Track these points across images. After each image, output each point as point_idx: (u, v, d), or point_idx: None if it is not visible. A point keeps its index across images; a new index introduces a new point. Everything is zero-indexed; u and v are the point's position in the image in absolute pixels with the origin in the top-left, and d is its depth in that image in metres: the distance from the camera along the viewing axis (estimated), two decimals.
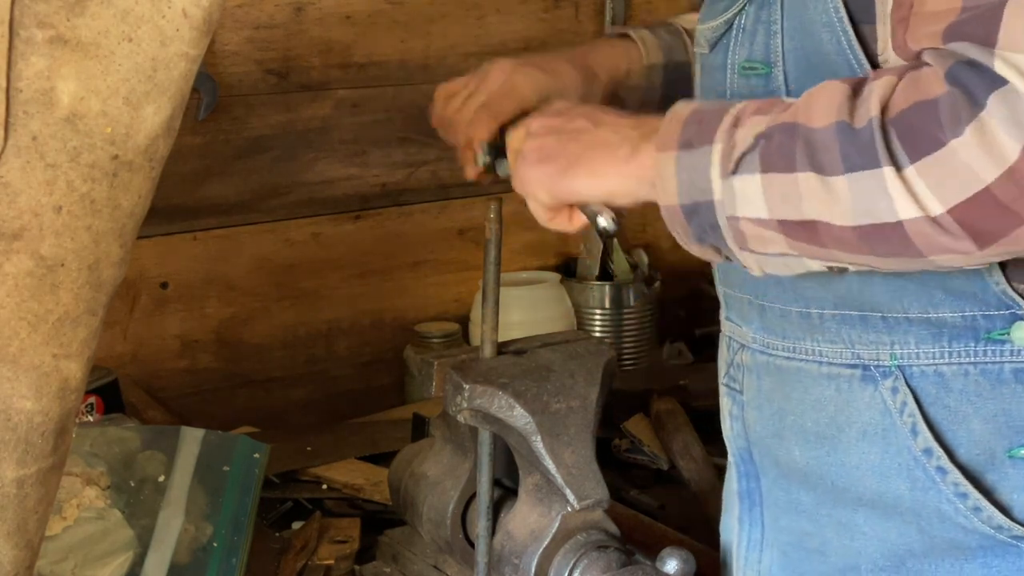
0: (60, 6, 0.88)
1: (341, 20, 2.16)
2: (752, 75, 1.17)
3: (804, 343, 1.21)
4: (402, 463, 1.54)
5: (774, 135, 1.03)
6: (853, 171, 0.99)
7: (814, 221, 1.02)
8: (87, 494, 1.54)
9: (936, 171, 0.95)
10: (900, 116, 0.97)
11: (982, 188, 0.94)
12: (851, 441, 1.18)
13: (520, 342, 1.44)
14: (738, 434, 1.32)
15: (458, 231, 2.32)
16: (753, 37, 1.18)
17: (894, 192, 0.97)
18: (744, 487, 1.32)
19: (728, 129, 1.06)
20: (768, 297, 1.23)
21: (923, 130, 0.96)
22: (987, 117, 0.93)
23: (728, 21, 1.20)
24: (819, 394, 1.20)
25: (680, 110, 1.11)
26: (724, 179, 1.05)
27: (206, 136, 2.09)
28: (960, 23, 0.97)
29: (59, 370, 0.94)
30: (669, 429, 1.97)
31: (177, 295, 2.11)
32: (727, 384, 1.34)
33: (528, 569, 1.36)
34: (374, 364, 2.29)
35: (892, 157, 0.97)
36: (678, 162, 1.08)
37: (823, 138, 1.00)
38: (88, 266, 0.93)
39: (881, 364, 1.16)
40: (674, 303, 2.50)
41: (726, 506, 1.37)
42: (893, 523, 1.18)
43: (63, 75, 0.89)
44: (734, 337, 1.31)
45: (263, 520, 1.74)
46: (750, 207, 1.05)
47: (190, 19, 0.91)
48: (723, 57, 1.21)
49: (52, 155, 0.90)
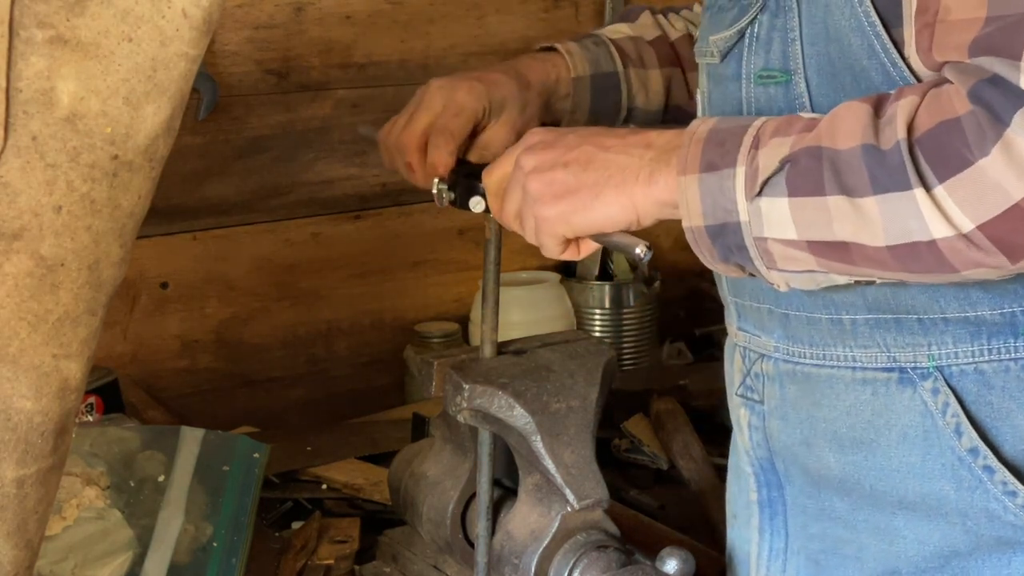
0: (60, 6, 0.88)
1: (341, 20, 2.16)
2: (771, 83, 1.17)
3: (835, 349, 1.21)
4: (402, 463, 1.54)
5: (800, 159, 1.03)
6: (883, 192, 0.99)
7: (846, 242, 1.02)
8: (87, 494, 1.54)
9: (965, 189, 0.96)
10: (926, 136, 0.98)
11: (1012, 204, 0.94)
12: (891, 445, 1.18)
13: (520, 342, 1.44)
14: (758, 444, 1.31)
15: (458, 231, 2.32)
16: (769, 45, 1.17)
17: (926, 212, 0.98)
18: (765, 496, 1.31)
19: (749, 151, 1.05)
20: (792, 306, 1.22)
21: (950, 149, 0.96)
22: (1012, 135, 0.93)
23: (740, 31, 1.19)
24: (853, 399, 1.20)
25: (698, 130, 1.10)
26: (750, 201, 1.05)
27: (206, 136, 2.09)
28: (986, 36, 0.97)
29: (59, 370, 0.94)
30: (669, 429, 1.97)
31: (177, 295, 2.11)
32: (743, 395, 1.32)
33: (528, 569, 1.36)
34: (374, 364, 2.29)
35: (921, 178, 0.97)
36: (701, 184, 1.07)
37: (850, 160, 1.00)
38: (88, 266, 0.93)
39: (919, 366, 1.16)
40: (674, 303, 2.50)
41: (740, 517, 1.35)
42: (936, 524, 1.17)
43: (63, 75, 0.89)
44: (750, 347, 1.30)
45: (263, 520, 1.74)
46: (778, 229, 1.05)
47: (190, 19, 0.91)
48: (736, 67, 1.21)
49: (52, 155, 0.90)
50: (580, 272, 2.38)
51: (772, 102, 1.17)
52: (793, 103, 1.15)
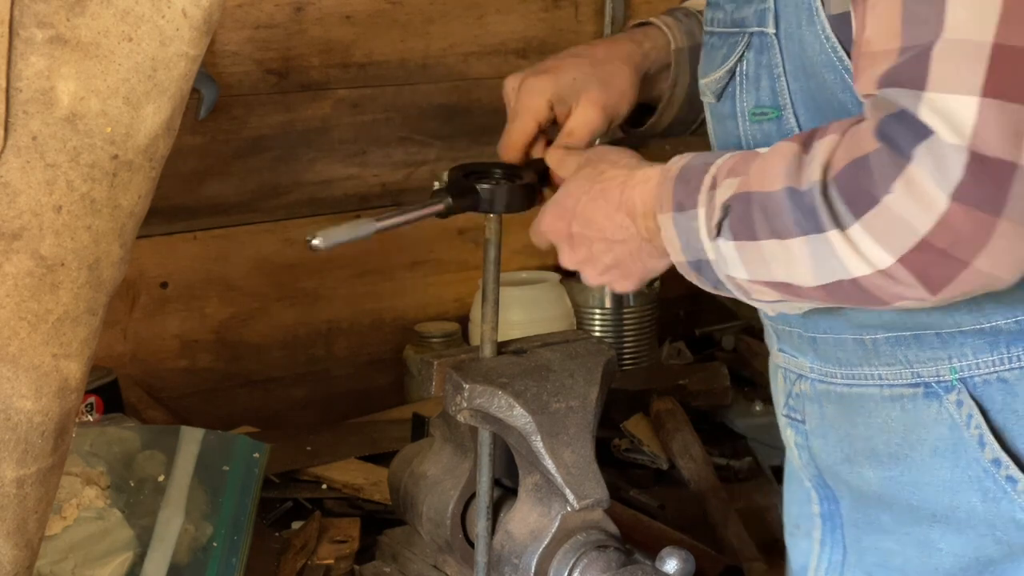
0: (60, 6, 0.88)
1: (341, 20, 2.16)
2: (764, 120, 1.19)
3: (862, 369, 1.21)
4: (402, 463, 1.54)
5: (734, 205, 1.06)
6: (804, 234, 1.01)
7: (786, 282, 1.05)
8: (87, 494, 1.54)
9: (877, 227, 0.97)
10: (839, 175, 0.99)
11: (920, 239, 0.95)
12: (923, 459, 1.18)
13: (520, 342, 1.44)
14: (807, 463, 1.31)
15: (458, 231, 2.32)
16: (758, 83, 1.18)
17: (842, 253, 0.99)
18: (826, 509, 1.31)
19: (708, 192, 1.08)
20: (819, 329, 1.23)
21: (860, 188, 0.97)
22: (914, 169, 0.94)
23: (730, 70, 1.21)
24: (885, 416, 1.20)
25: (672, 167, 1.13)
26: (712, 241, 1.08)
27: (206, 136, 2.08)
28: (895, 67, 0.97)
29: (59, 370, 0.94)
30: (669, 429, 1.97)
31: (177, 295, 2.11)
32: (788, 415, 1.33)
33: (528, 569, 1.36)
34: (374, 364, 2.29)
35: (835, 219, 0.99)
36: (676, 223, 1.11)
37: (776, 203, 1.02)
38: (88, 266, 0.93)
39: (942, 379, 1.16)
40: (674, 303, 2.50)
41: (801, 528, 1.35)
42: (967, 537, 1.17)
43: (63, 75, 0.89)
44: (790, 368, 1.30)
45: (263, 520, 1.74)
46: (734, 269, 1.08)
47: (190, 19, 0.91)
48: (731, 106, 1.22)
49: (52, 155, 0.90)
50: None
51: (768, 138, 1.18)
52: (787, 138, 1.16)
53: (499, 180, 1.34)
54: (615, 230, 1.18)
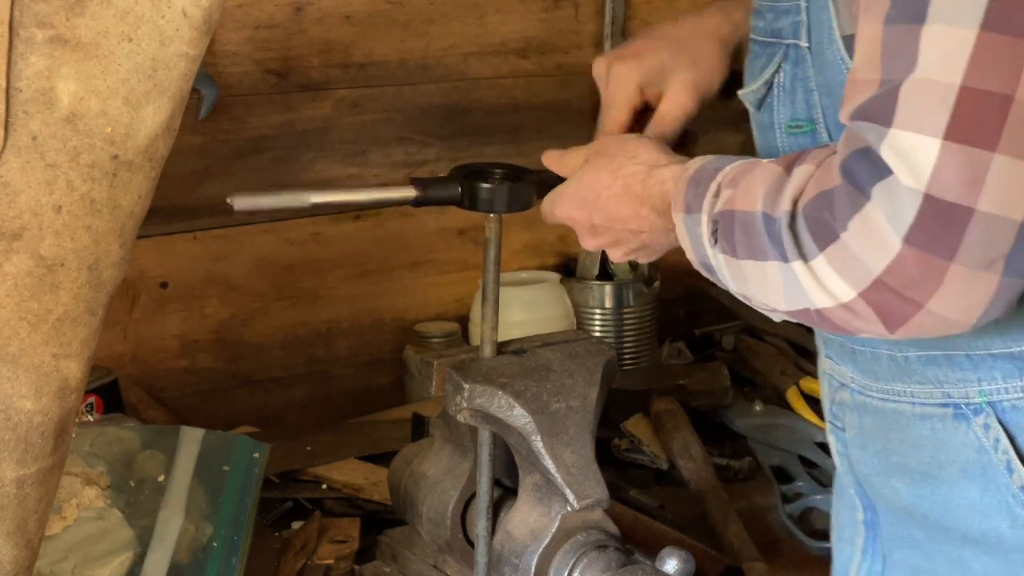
0: (60, 6, 0.88)
1: (341, 20, 2.15)
2: (798, 133, 1.18)
3: (896, 384, 1.21)
4: (402, 463, 1.54)
5: (720, 221, 1.06)
6: (775, 260, 1.01)
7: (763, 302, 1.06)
8: (87, 494, 1.54)
9: (837, 261, 0.97)
10: (807, 206, 0.99)
11: (875, 279, 0.95)
12: (952, 480, 1.17)
13: (520, 342, 1.44)
14: (847, 471, 1.31)
15: (458, 231, 2.32)
16: (793, 95, 1.18)
17: (804, 283, 0.99)
18: (869, 518, 1.30)
19: (711, 199, 1.09)
20: (858, 340, 1.23)
21: (822, 221, 0.97)
22: (871, 209, 0.94)
23: (767, 82, 1.20)
24: (916, 434, 1.19)
25: (688, 168, 1.14)
26: (712, 248, 1.09)
27: (206, 136, 2.08)
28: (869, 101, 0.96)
29: (59, 370, 0.94)
30: (668, 429, 1.97)
31: (177, 295, 2.11)
32: (831, 422, 1.33)
33: (528, 569, 1.36)
34: (374, 364, 2.29)
35: (799, 249, 0.99)
36: (685, 224, 1.12)
37: (754, 223, 1.03)
38: (88, 266, 0.93)
39: (971, 402, 1.15)
40: (674, 303, 2.49)
41: (845, 533, 1.34)
42: (996, 560, 1.16)
43: (63, 75, 0.89)
44: (833, 375, 1.30)
45: (263, 520, 1.74)
46: (726, 281, 1.09)
47: (190, 19, 0.91)
48: (770, 116, 1.21)
49: (52, 155, 0.90)
50: (580, 272, 2.38)
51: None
52: None
53: (499, 180, 1.34)
54: (641, 223, 1.19)
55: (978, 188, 0.91)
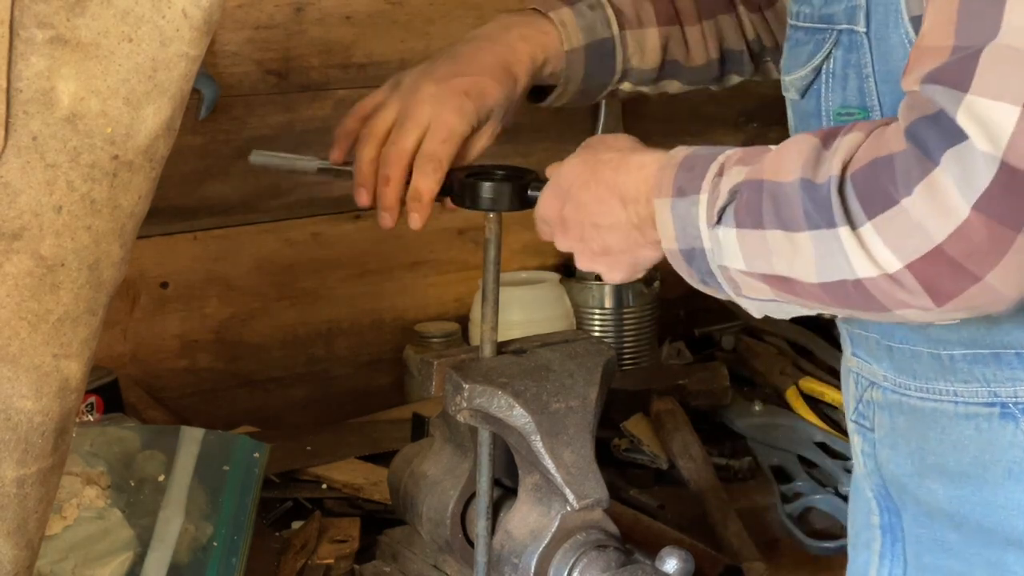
0: (60, 6, 0.88)
1: (341, 20, 2.16)
2: (850, 120, 1.14)
3: (937, 383, 1.19)
4: (402, 463, 1.54)
5: (743, 191, 1.03)
6: (814, 228, 0.99)
7: (786, 277, 1.03)
8: (87, 494, 1.54)
9: (890, 229, 0.95)
10: (858, 173, 0.97)
11: (934, 247, 0.93)
12: (997, 480, 1.16)
13: (519, 342, 1.44)
14: (872, 471, 1.29)
15: (458, 231, 2.32)
16: (845, 82, 1.16)
17: (850, 251, 0.97)
18: (887, 521, 1.28)
19: (713, 178, 1.06)
20: (896, 338, 1.21)
21: (878, 188, 0.95)
22: (939, 174, 0.92)
23: (816, 68, 1.18)
24: (958, 434, 1.18)
25: (676, 154, 1.11)
26: (711, 229, 1.06)
27: (206, 136, 2.08)
28: (943, 66, 0.95)
29: (59, 370, 0.94)
30: (668, 429, 1.97)
31: (177, 295, 2.11)
32: (856, 421, 1.30)
33: (527, 568, 1.36)
34: (374, 364, 2.29)
35: (848, 215, 0.97)
36: (673, 208, 1.08)
37: (788, 193, 1.00)
38: (88, 266, 0.93)
39: (1020, 401, 1.14)
40: (674, 303, 2.49)
41: (861, 538, 1.32)
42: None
43: (63, 75, 0.89)
44: (862, 374, 1.28)
45: (263, 520, 1.74)
46: (732, 259, 1.06)
47: (190, 19, 0.91)
48: (816, 103, 1.19)
49: (52, 155, 0.90)
50: (580, 272, 2.38)
51: None
52: None
53: (500, 179, 1.34)
54: (604, 215, 1.16)
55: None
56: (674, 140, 2.52)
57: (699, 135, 2.49)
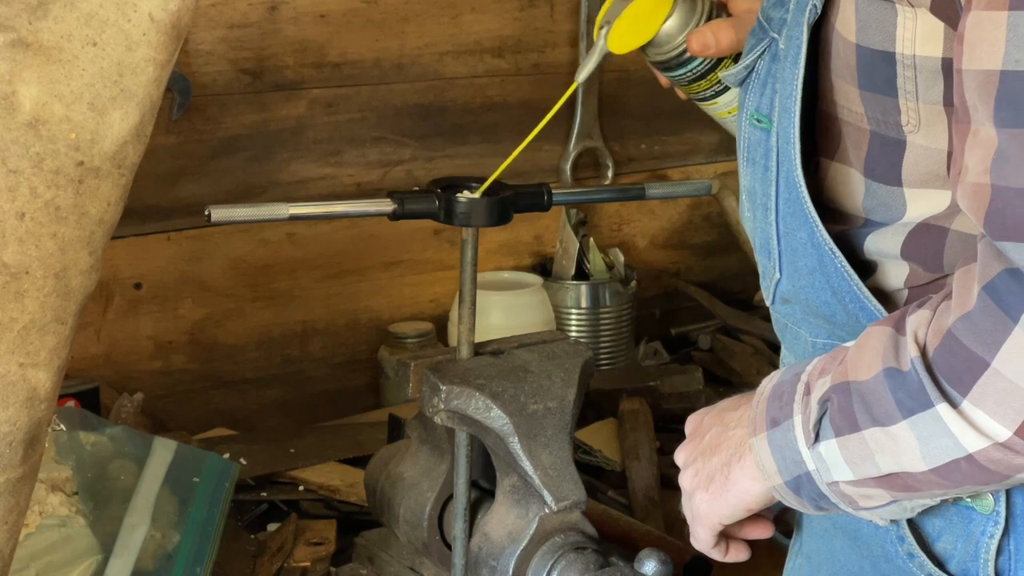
0: (22, 8, 0.86)
1: (315, 19, 2.14)
2: (758, 128, 1.14)
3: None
4: (378, 464, 1.54)
5: (832, 398, 1.01)
6: (910, 415, 0.96)
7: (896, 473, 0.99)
8: (50, 501, 1.52)
9: (989, 396, 0.92)
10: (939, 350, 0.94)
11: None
12: None
13: (497, 343, 1.43)
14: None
15: (433, 231, 2.31)
16: (763, 88, 1.15)
17: (955, 428, 0.94)
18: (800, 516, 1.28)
19: (802, 399, 1.04)
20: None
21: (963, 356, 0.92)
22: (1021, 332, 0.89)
23: (749, 66, 1.17)
24: None
25: (764, 388, 1.09)
26: (811, 449, 1.03)
27: (180, 136, 2.07)
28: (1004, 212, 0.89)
29: (26, 379, 0.93)
30: (627, 429, 1.97)
31: (151, 296, 2.10)
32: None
33: (505, 571, 1.36)
34: (349, 365, 2.28)
35: (943, 393, 0.94)
36: (770, 442, 1.06)
37: (875, 388, 0.97)
38: (55, 274, 0.91)
39: None
40: (650, 302, 2.49)
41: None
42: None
43: (25, 79, 0.87)
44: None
45: (238, 522, 1.73)
46: (838, 472, 1.02)
47: (157, 23, 0.89)
48: (743, 101, 1.18)
49: (14, 161, 0.88)
50: (556, 272, 2.38)
51: (757, 146, 1.15)
52: (768, 152, 1.13)
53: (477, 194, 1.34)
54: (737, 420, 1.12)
55: None
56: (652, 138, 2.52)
57: (676, 134, 2.49)
